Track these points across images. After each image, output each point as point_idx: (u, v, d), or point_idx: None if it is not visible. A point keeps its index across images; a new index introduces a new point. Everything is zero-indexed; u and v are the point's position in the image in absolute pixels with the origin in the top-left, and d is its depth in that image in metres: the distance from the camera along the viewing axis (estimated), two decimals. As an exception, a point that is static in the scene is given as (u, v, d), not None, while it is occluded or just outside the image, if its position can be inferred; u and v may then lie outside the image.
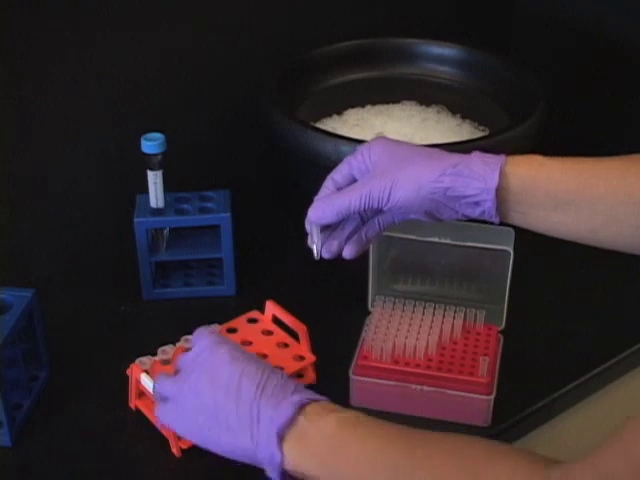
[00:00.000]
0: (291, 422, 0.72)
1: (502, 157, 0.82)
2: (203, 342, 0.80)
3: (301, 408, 0.73)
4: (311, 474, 0.72)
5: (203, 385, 0.77)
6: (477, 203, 0.81)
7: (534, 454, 0.67)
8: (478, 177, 0.80)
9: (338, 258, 0.89)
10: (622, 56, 1.33)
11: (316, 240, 0.87)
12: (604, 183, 0.79)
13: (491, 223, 0.84)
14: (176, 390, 0.79)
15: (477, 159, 0.82)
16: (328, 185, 0.87)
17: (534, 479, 0.63)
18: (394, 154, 0.84)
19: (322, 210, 0.85)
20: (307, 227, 0.88)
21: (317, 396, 0.75)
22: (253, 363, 0.77)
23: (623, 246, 0.81)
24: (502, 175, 0.80)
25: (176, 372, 0.82)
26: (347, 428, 0.72)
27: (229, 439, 0.75)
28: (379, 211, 0.86)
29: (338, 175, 0.87)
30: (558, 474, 0.63)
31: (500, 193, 0.80)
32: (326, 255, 0.87)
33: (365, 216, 0.88)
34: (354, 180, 0.86)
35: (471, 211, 0.83)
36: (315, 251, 0.88)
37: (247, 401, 0.74)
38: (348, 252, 0.87)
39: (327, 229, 0.88)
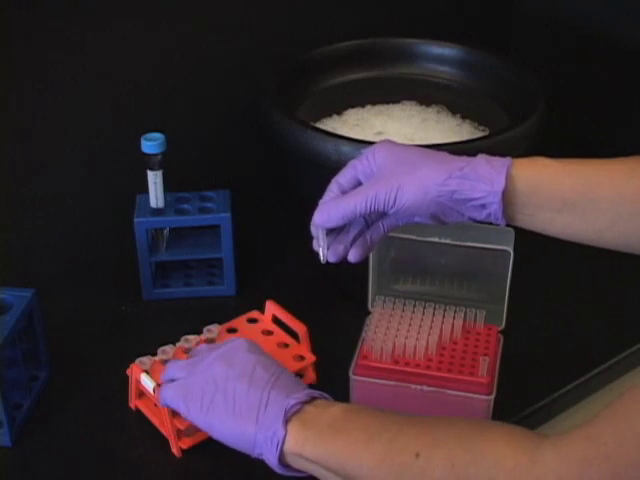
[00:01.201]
0: (300, 408, 0.75)
1: (508, 159, 0.82)
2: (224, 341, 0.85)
3: (312, 399, 0.76)
4: (307, 456, 0.73)
5: (217, 367, 0.79)
6: (483, 206, 0.81)
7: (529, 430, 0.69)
8: (485, 180, 0.80)
9: (343, 261, 0.88)
10: (622, 56, 1.33)
11: (322, 244, 0.87)
12: (609, 183, 0.79)
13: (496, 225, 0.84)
14: (187, 371, 0.82)
15: (483, 162, 0.82)
16: (333, 189, 0.87)
17: (527, 445, 0.65)
18: (400, 157, 0.84)
19: (327, 213, 0.85)
20: (313, 231, 0.88)
21: (328, 396, 0.78)
22: (269, 358, 0.81)
23: (628, 246, 0.81)
24: (508, 178, 0.80)
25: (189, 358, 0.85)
26: (351, 413, 0.75)
27: (231, 421, 0.76)
28: (383, 214, 0.86)
29: (343, 179, 0.87)
30: (550, 441, 0.64)
31: (506, 195, 0.80)
32: (332, 259, 0.87)
33: (369, 219, 0.88)
34: (359, 184, 0.86)
35: (477, 214, 0.83)
36: (321, 255, 0.88)
37: (259, 387, 0.77)
38: (353, 256, 0.87)
39: (332, 232, 0.88)
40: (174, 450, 0.88)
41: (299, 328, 0.96)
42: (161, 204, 1.06)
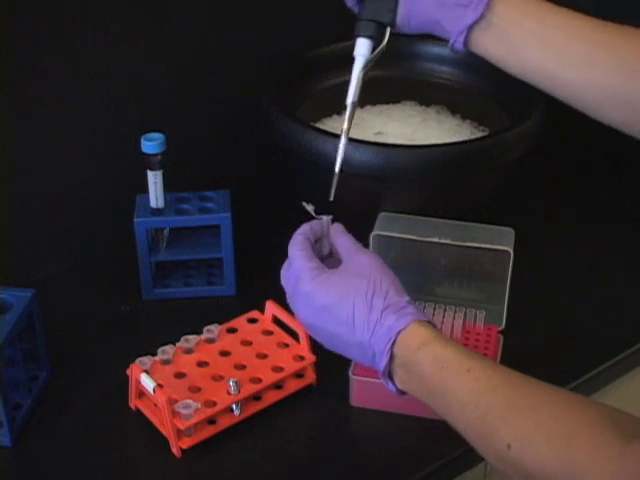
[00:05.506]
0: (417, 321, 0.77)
1: None
2: None
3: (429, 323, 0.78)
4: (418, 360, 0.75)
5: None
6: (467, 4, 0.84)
7: (623, 423, 0.65)
8: None
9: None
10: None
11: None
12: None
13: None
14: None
15: None
16: None
17: (612, 453, 0.62)
18: None
19: None
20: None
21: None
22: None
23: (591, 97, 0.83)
24: None
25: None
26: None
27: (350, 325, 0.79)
28: None
29: None
30: (632, 451, 0.62)
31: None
32: None
33: None
34: None
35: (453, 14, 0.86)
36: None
37: (377, 306, 0.78)
38: None
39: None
40: (174, 450, 0.88)
41: (299, 328, 0.96)
42: (161, 204, 1.06)
